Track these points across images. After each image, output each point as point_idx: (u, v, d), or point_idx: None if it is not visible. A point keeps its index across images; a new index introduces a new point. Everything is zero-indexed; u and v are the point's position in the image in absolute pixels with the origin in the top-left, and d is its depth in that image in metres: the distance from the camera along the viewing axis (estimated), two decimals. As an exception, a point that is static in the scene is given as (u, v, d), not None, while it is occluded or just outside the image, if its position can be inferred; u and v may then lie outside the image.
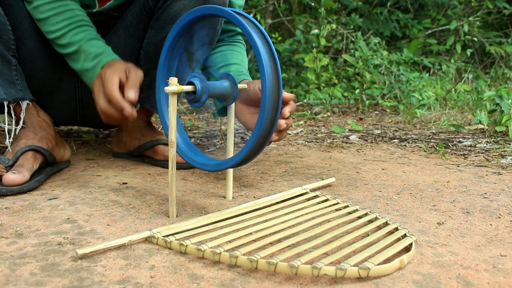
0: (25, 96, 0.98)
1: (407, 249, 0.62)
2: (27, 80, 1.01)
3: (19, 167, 0.88)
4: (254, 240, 0.64)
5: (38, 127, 0.99)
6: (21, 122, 0.97)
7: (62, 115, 1.14)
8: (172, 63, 0.83)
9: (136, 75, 0.88)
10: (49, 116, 1.05)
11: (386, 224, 0.72)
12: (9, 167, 0.89)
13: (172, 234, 0.66)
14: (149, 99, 1.11)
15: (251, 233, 0.66)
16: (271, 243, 0.64)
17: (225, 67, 1.09)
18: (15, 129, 0.96)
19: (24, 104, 0.97)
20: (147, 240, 0.65)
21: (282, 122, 0.88)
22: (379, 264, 0.56)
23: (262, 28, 0.71)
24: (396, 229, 0.69)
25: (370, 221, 0.73)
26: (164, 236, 0.65)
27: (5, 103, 0.94)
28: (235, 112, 0.98)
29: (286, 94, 0.85)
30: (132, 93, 0.85)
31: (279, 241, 0.64)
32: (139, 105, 1.14)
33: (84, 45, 0.96)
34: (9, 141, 0.95)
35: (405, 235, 0.66)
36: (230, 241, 0.63)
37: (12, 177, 0.85)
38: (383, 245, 0.62)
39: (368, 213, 0.77)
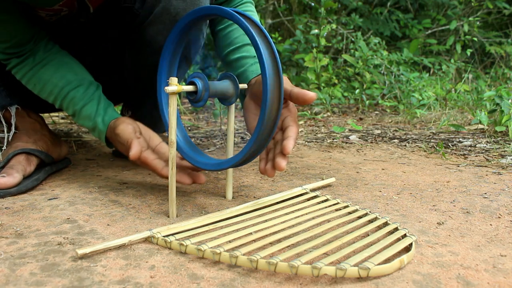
0: (12, 102, 0.96)
1: (407, 249, 0.62)
2: None
3: (9, 169, 0.87)
4: (254, 240, 0.64)
5: (31, 130, 0.98)
6: (12, 128, 0.96)
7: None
8: (173, 63, 0.83)
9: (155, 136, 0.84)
10: (40, 116, 1.04)
11: (386, 224, 0.72)
12: (0, 169, 0.89)
13: (172, 234, 0.66)
14: (143, 118, 1.04)
15: (251, 233, 0.66)
16: (271, 243, 0.64)
17: (235, 52, 0.97)
18: (8, 136, 0.95)
19: (13, 110, 0.97)
20: (147, 240, 0.65)
21: (283, 165, 0.75)
22: (379, 264, 0.56)
23: (264, 29, 0.70)
24: (396, 229, 0.69)
25: (370, 221, 0.73)
26: (164, 236, 0.65)
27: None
28: (243, 106, 0.91)
29: (308, 93, 0.75)
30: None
31: (279, 241, 0.64)
32: (130, 112, 1.14)
33: (80, 121, 0.91)
34: (2, 149, 0.94)
35: (405, 235, 0.66)
36: (230, 241, 0.63)
37: (1, 180, 0.84)
38: (383, 245, 0.62)
39: (368, 213, 0.77)
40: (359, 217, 0.75)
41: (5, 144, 0.95)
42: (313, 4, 2.96)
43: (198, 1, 0.92)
